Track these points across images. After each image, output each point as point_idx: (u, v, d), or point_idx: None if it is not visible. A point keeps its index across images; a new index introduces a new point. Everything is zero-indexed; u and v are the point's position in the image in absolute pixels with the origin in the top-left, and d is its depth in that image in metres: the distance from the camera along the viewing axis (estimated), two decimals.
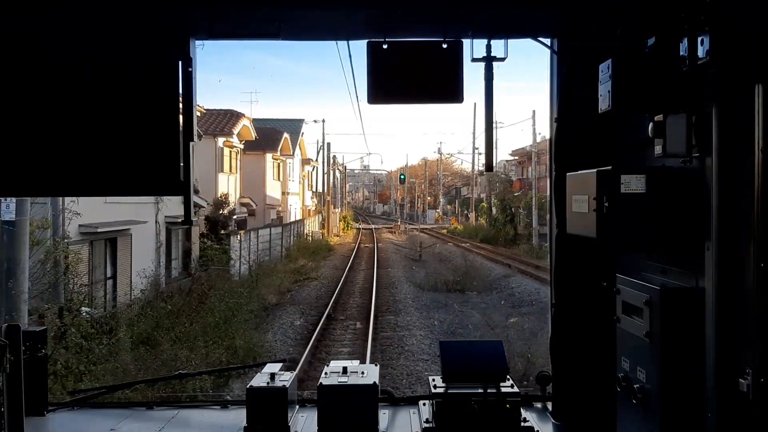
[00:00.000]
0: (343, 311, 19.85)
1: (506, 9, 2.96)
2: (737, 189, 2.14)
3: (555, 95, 3.28)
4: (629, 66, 2.48)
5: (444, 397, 3.00)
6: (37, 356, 3.34)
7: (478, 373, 3.08)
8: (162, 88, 2.99)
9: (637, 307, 2.55)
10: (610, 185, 2.45)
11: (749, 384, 2.08)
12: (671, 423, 2.37)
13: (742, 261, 2.13)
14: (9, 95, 2.97)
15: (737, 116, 2.13)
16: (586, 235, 2.65)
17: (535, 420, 3.16)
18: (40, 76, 2.96)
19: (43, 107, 2.99)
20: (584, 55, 2.92)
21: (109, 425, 3.33)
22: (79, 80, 2.99)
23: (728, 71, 2.11)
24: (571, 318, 3.22)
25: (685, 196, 2.36)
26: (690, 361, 2.33)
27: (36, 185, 3.05)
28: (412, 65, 3.12)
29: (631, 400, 2.56)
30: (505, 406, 2.98)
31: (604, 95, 2.55)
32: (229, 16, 2.98)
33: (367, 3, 2.97)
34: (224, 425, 3.35)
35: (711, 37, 2.08)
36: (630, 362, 2.63)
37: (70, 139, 2.99)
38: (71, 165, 3.00)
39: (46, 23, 2.95)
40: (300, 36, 3.34)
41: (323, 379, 3.13)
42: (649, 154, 2.56)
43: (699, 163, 2.29)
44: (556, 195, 3.17)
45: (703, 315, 2.25)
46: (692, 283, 2.35)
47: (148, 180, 3.02)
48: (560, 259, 3.25)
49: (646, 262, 2.67)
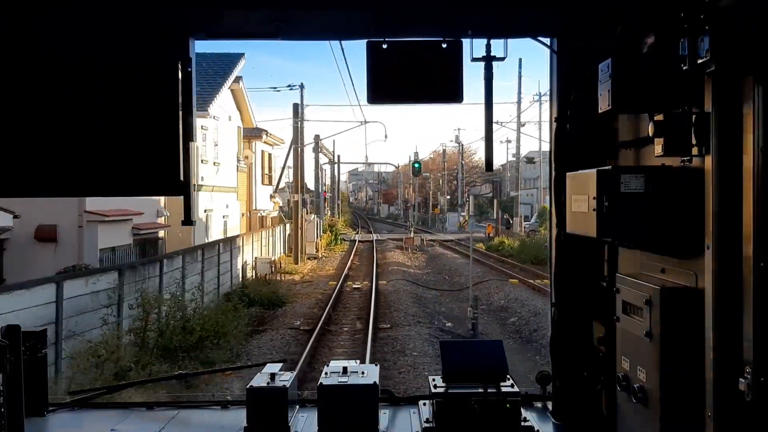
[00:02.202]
0: None
1: (506, 8, 2.96)
2: (737, 188, 2.14)
3: (555, 95, 3.28)
4: (629, 66, 2.48)
5: (444, 396, 3.00)
6: (37, 356, 3.34)
7: (478, 372, 3.08)
8: (161, 88, 2.99)
9: (637, 306, 2.55)
10: (610, 185, 2.45)
11: (749, 383, 2.08)
12: (671, 422, 2.37)
13: (742, 260, 2.13)
14: (9, 95, 2.97)
15: (737, 116, 2.14)
16: (587, 234, 2.65)
17: (535, 420, 3.16)
18: (40, 76, 2.96)
19: (42, 107, 2.99)
20: (584, 55, 2.92)
21: (110, 425, 3.33)
22: (79, 80, 2.99)
23: (728, 71, 2.11)
24: (571, 318, 3.22)
25: (685, 196, 2.36)
26: (690, 361, 2.33)
27: (35, 185, 3.05)
28: (412, 65, 3.12)
29: (631, 399, 2.56)
30: (506, 405, 2.98)
31: (603, 95, 2.55)
32: (228, 16, 2.98)
33: (366, 3, 2.97)
34: (224, 425, 3.35)
35: (711, 37, 2.08)
36: (630, 362, 2.63)
37: (70, 139, 3.00)
38: (71, 165, 3.01)
39: (46, 23, 2.95)
40: (299, 36, 3.34)
41: (323, 379, 3.13)
42: (648, 153, 2.57)
43: (699, 163, 2.29)
44: (556, 194, 3.17)
45: (702, 314, 2.25)
46: (692, 283, 2.35)
47: (148, 180, 3.03)
48: (560, 259, 3.25)
49: (646, 262, 2.67)
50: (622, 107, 2.51)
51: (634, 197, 2.43)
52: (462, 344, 3.68)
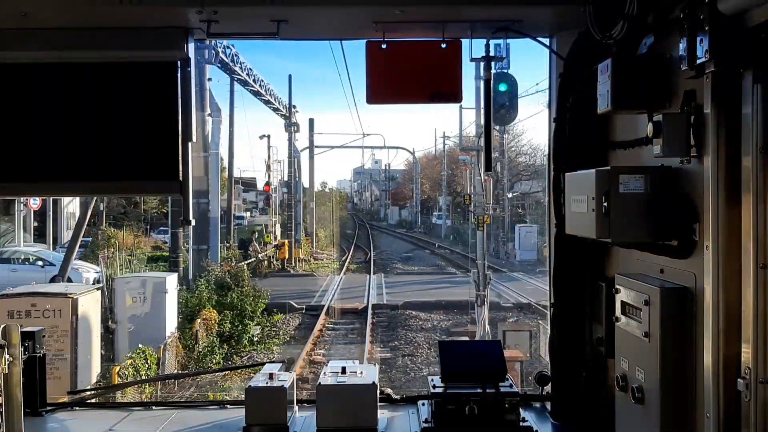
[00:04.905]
0: None
1: (505, 9, 2.96)
2: (736, 188, 2.14)
3: (554, 95, 3.28)
4: (628, 66, 2.48)
5: (443, 396, 3.00)
6: (35, 356, 3.34)
7: (477, 373, 3.08)
8: (161, 88, 3.00)
9: (636, 306, 2.55)
10: (609, 185, 2.45)
11: (747, 383, 2.08)
12: (670, 422, 2.37)
13: (741, 261, 2.13)
14: (9, 95, 2.97)
15: (735, 116, 2.14)
16: (585, 235, 2.65)
17: (533, 420, 3.17)
18: (39, 77, 2.96)
19: (43, 107, 2.99)
20: (583, 55, 2.92)
21: (108, 425, 3.33)
22: (78, 80, 2.99)
23: (727, 71, 2.11)
24: (569, 318, 3.21)
25: (684, 196, 2.36)
26: (688, 361, 2.33)
27: (35, 185, 3.06)
28: (411, 65, 3.13)
29: (630, 399, 2.56)
30: (504, 405, 2.99)
31: (603, 95, 2.55)
32: (227, 16, 2.98)
33: (365, 2, 2.97)
34: (223, 425, 3.35)
35: (710, 37, 2.08)
36: (629, 362, 2.63)
37: (70, 139, 3.00)
38: (71, 165, 3.01)
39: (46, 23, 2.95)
40: (298, 36, 3.34)
41: (322, 378, 3.13)
42: (647, 153, 2.56)
43: (697, 163, 2.29)
44: (554, 195, 3.17)
45: (701, 315, 2.25)
46: (691, 283, 2.35)
47: (148, 180, 3.03)
48: (559, 259, 3.25)
49: (645, 262, 2.67)
50: (621, 107, 2.51)
51: (633, 197, 2.43)
52: (461, 344, 3.68)
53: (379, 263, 33.64)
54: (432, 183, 63.49)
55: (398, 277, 29.32)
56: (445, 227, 48.47)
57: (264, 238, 33.88)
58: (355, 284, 26.39)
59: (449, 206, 52.25)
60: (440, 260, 35.47)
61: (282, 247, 32.05)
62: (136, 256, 23.25)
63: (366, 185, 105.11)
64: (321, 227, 45.14)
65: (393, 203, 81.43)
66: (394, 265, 33.62)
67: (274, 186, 36.91)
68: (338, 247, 40.00)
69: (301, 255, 33.99)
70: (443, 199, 51.35)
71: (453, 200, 52.28)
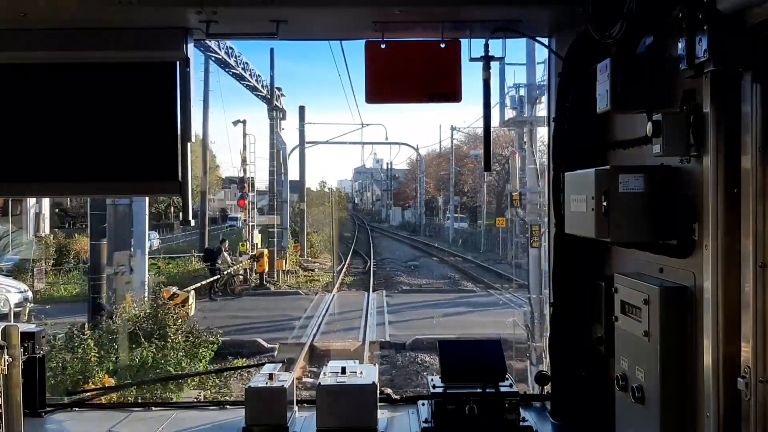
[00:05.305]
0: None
1: (504, 9, 2.96)
2: (735, 188, 2.14)
3: (553, 95, 3.28)
4: (627, 65, 2.48)
5: (443, 396, 3.00)
6: (34, 357, 3.34)
7: (476, 372, 3.08)
8: (160, 88, 2.99)
9: (636, 306, 2.55)
10: (608, 184, 2.45)
11: (747, 383, 2.08)
12: (670, 421, 2.37)
13: (740, 260, 2.13)
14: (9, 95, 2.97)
15: (735, 115, 2.14)
16: (585, 234, 2.65)
17: (534, 419, 3.16)
18: (38, 77, 2.96)
19: (42, 107, 2.99)
20: (582, 55, 2.92)
21: (107, 426, 3.33)
22: (78, 80, 2.99)
23: (726, 71, 2.11)
24: (569, 317, 3.21)
25: (684, 195, 2.36)
26: (688, 361, 2.33)
27: (34, 185, 3.05)
28: (410, 64, 3.13)
29: (630, 398, 2.56)
30: (504, 405, 2.98)
31: (602, 94, 2.55)
32: (227, 16, 2.98)
33: (365, 2, 2.97)
34: (223, 425, 3.35)
35: (709, 37, 2.08)
36: (629, 361, 2.63)
37: (69, 139, 3.00)
38: (70, 165, 3.01)
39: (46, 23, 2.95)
40: (298, 36, 3.34)
41: (322, 378, 3.13)
42: (647, 153, 2.57)
43: (697, 163, 2.29)
44: (554, 194, 3.17)
45: (701, 314, 2.25)
46: (690, 282, 2.35)
47: (147, 180, 3.03)
48: (559, 259, 3.24)
49: (645, 262, 2.67)
50: (621, 107, 2.51)
51: (632, 197, 2.43)
52: (460, 344, 3.67)
53: (380, 275, 29.75)
54: (437, 182, 60.50)
55: (403, 296, 24.35)
56: (452, 231, 44.30)
57: (240, 246, 27.59)
58: (350, 306, 21.71)
59: (456, 206, 48.77)
60: (452, 270, 31.31)
61: (260, 258, 26.42)
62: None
63: (367, 185, 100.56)
64: (315, 231, 40.51)
65: (395, 204, 77.39)
66: (397, 278, 29.13)
67: (260, 187, 30.60)
68: (335, 254, 34.40)
69: (287, 266, 28.74)
70: (453, 199, 47.57)
71: (460, 200, 49.49)
